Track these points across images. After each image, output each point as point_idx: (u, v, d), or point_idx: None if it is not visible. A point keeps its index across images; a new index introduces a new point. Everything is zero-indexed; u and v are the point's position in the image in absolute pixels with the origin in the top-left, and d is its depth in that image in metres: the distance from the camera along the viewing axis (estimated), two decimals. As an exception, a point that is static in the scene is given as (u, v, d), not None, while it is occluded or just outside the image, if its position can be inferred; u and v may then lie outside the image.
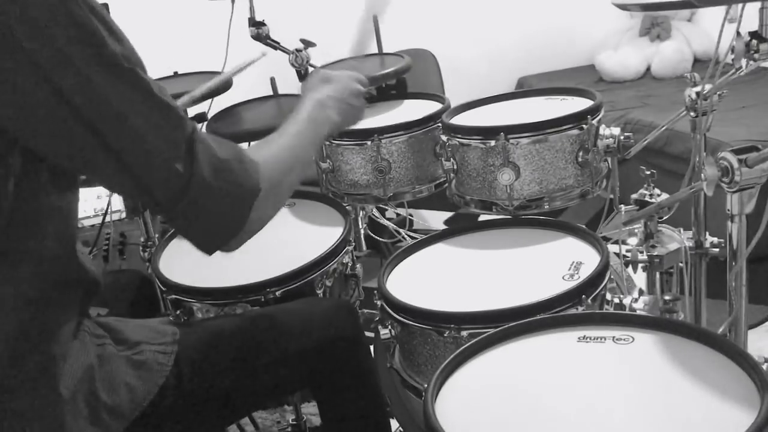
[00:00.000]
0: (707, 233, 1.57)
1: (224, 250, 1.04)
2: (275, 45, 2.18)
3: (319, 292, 1.51)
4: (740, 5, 1.25)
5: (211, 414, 1.19)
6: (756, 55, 1.25)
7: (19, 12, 0.82)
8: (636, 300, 1.36)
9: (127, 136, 0.89)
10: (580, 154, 1.48)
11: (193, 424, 1.16)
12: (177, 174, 0.92)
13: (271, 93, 2.23)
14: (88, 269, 1.04)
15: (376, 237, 2.46)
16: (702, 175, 1.10)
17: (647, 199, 1.56)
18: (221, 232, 1.00)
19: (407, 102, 1.99)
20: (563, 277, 1.32)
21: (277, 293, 1.44)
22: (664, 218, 1.56)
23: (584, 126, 1.47)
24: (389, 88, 2.04)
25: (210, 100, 2.33)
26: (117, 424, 1.02)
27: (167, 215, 0.97)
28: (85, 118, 0.86)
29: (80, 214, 2.70)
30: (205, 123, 2.39)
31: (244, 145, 1.08)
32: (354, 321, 1.35)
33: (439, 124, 1.65)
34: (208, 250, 1.03)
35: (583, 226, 1.49)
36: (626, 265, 1.57)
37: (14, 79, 0.83)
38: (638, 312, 1.33)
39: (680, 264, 1.56)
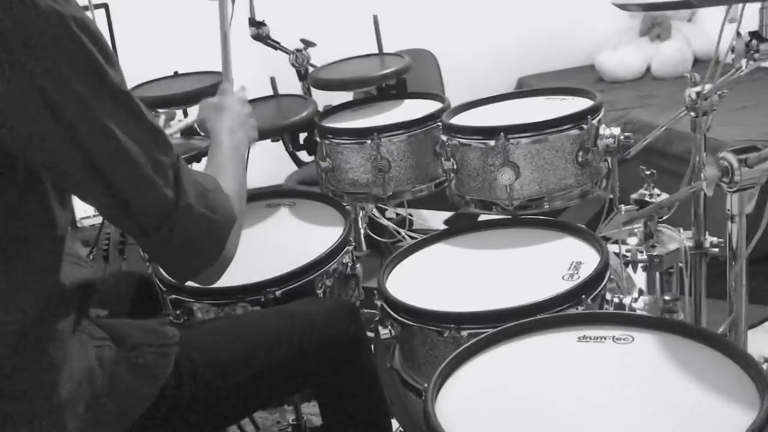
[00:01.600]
0: (707, 233, 1.57)
1: (200, 282, 1.06)
2: (275, 45, 2.18)
3: (320, 292, 1.51)
4: (740, 5, 1.26)
5: (212, 415, 1.18)
6: (756, 55, 1.25)
7: (22, 37, 0.82)
8: (636, 300, 1.35)
9: (119, 160, 0.90)
10: (580, 154, 1.48)
11: (194, 425, 1.15)
12: (164, 199, 0.93)
13: (271, 93, 2.23)
14: (87, 271, 1.04)
15: (376, 237, 2.46)
16: (702, 175, 1.10)
17: (647, 199, 1.56)
18: (197, 260, 1.02)
19: (407, 102, 1.99)
20: (563, 277, 1.32)
21: (277, 293, 1.44)
22: (664, 218, 1.56)
23: (584, 126, 1.47)
24: (389, 88, 2.04)
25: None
26: (117, 427, 1.02)
27: (147, 240, 0.97)
28: (79, 140, 0.87)
29: (80, 214, 2.70)
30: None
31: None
32: (356, 321, 1.35)
33: (439, 124, 1.65)
34: (182, 278, 1.05)
35: (583, 226, 1.48)
36: (626, 265, 1.57)
37: (14, 99, 0.84)
38: (638, 312, 1.33)
39: (680, 264, 1.56)
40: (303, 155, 2.14)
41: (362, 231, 2.30)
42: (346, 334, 1.31)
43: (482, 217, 1.64)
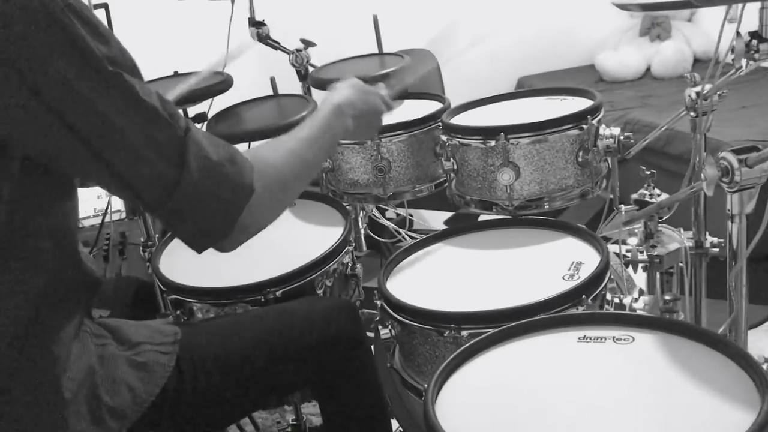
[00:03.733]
0: (707, 233, 1.57)
1: (219, 250, 1.03)
2: (275, 45, 2.18)
3: (320, 292, 1.51)
4: (740, 5, 1.25)
5: (213, 414, 1.19)
6: (756, 55, 1.25)
7: (2, 21, 0.81)
8: (636, 300, 1.36)
9: (112, 140, 0.88)
10: (580, 154, 1.48)
11: (195, 424, 1.16)
12: (164, 177, 0.91)
13: (271, 93, 2.23)
14: (88, 269, 1.04)
15: (376, 237, 2.46)
16: (702, 175, 1.10)
17: (647, 199, 1.57)
18: (210, 233, 0.99)
19: (407, 102, 1.99)
20: (563, 277, 1.32)
21: (277, 293, 1.44)
22: (664, 218, 1.56)
23: (584, 126, 1.47)
24: (389, 88, 2.04)
25: (210, 100, 2.33)
26: (119, 425, 1.02)
27: (156, 214, 0.96)
28: (70, 123, 0.85)
29: (80, 214, 2.70)
30: (205, 123, 2.39)
31: (243, 147, 1.07)
32: (355, 320, 1.35)
33: (439, 124, 1.65)
34: (198, 249, 1.02)
35: (583, 226, 1.48)
36: (626, 265, 1.57)
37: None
38: (638, 312, 1.33)
39: (680, 264, 1.56)
40: (303, 155, 2.14)
41: (362, 231, 2.30)
42: (345, 333, 1.30)
43: (482, 217, 1.64)
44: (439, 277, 1.44)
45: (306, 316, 1.30)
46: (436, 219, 3.46)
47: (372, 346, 1.45)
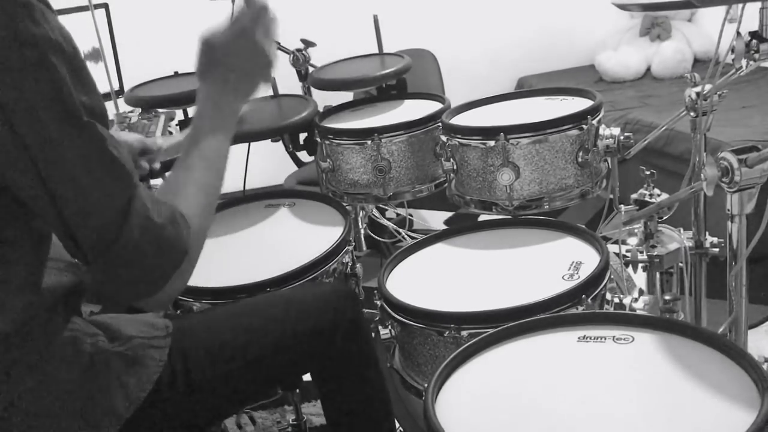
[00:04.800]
0: (707, 233, 1.57)
1: (144, 306, 1.01)
2: (275, 45, 2.18)
3: (320, 292, 1.51)
4: (740, 5, 1.26)
5: (209, 405, 1.17)
6: (756, 55, 1.25)
7: None
8: (636, 300, 1.36)
9: (67, 184, 0.87)
10: (580, 154, 1.48)
11: (191, 416, 1.15)
12: (107, 229, 0.90)
13: (271, 93, 2.23)
14: (67, 278, 1.03)
15: (376, 237, 2.46)
16: (702, 175, 1.10)
17: (647, 199, 1.57)
18: (137, 293, 0.97)
19: (407, 102, 1.99)
20: (563, 277, 1.32)
21: (277, 293, 1.44)
22: (664, 218, 1.56)
23: (584, 126, 1.47)
24: (389, 88, 2.04)
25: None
26: (113, 420, 1.02)
27: (91, 267, 0.93)
28: (33, 158, 0.85)
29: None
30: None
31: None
32: (353, 306, 1.33)
33: (439, 124, 1.65)
34: (122, 302, 1.02)
35: (583, 226, 1.49)
36: (626, 265, 1.57)
37: None
38: (638, 312, 1.33)
39: (680, 264, 1.56)
40: (303, 155, 2.14)
41: (362, 231, 2.30)
42: (343, 319, 1.28)
43: (482, 217, 1.64)
44: (439, 277, 1.44)
45: (301, 303, 1.28)
46: (436, 219, 3.47)
47: (371, 332, 1.43)
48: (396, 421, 1.43)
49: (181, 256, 0.96)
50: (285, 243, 1.65)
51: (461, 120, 1.66)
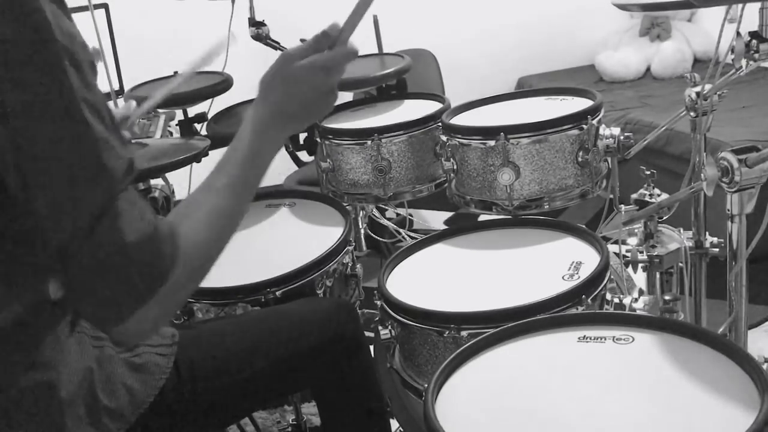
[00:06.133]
0: (707, 233, 1.57)
1: (116, 341, 0.94)
2: (275, 45, 2.18)
3: (320, 292, 1.51)
4: (740, 5, 1.26)
5: (211, 415, 1.18)
6: (756, 55, 1.25)
7: (4, 47, 0.78)
8: (636, 300, 1.36)
9: (44, 179, 0.81)
10: (580, 154, 1.48)
11: (194, 424, 1.16)
12: (75, 235, 0.82)
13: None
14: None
15: (376, 237, 2.46)
16: (702, 175, 1.10)
17: (647, 199, 1.57)
18: (105, 314, 0.87)
19: (407, 102, 1.99)
20: (563, 277, 1.32)
21: (277, 293, 1.44)
22: (664, 218, 1.56)
23: (584, 126, 1.47)
24: (389, 88, 2.04)
25: (210, 100, 2.33)
26: (116, 426, 1.02)
27: (54, 273, 0.87)
28: (22, 153, 0.80)
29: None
30: (205, 123, 2.39)
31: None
32: (354, 321, 1.35)
33: (439, 124, 1.65)
34: (97, 326, 0.92)
35: (583, 226, 1.48)
36: (626, 265, 1.57)
37: None
38: (638, 312, 1.33)
39: (680, 264, 1.56)
40: (303, 155, 2.14)
41: (362, 231, 2.30)
42: (344, 335, 1.31)
43: (482, 217, 1.64)
44: (439, 277, 1.44)
45: (304, 318, 1.30)
46: (436, 219, 3.47)
47: (371, 347, 1.45)
48: (396, 421, 1.44)
49: (156, 280, 0.85)
50: (285, 243, 1.65)
51: (461, 120, 1.66)
